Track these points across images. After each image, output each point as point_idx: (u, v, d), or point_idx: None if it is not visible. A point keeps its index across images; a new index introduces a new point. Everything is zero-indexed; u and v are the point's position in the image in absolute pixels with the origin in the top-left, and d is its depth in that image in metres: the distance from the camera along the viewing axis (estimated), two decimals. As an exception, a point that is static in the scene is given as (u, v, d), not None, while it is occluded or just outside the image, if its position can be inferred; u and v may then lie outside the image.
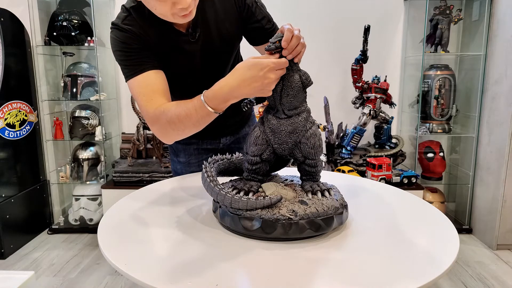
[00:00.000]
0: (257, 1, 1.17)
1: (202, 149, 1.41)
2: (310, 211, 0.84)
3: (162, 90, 1.04)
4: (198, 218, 0.99)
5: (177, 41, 1.11)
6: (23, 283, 1.30)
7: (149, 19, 1.05)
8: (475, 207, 2.61)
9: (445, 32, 2.56)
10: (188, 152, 1.42)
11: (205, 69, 1.18)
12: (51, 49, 2.69)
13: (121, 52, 1.06)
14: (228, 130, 1.38)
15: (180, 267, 0.74)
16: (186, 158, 1.42)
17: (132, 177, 2.49)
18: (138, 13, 1.06)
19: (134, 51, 1.05)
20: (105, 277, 2.12)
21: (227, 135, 1.39)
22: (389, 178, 2.36)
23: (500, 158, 2.35)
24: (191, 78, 1.19)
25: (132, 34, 1.05)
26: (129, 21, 1.06)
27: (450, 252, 0.79)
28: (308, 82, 0.89)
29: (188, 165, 1.42)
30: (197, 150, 1.41)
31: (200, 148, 1.41)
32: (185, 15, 0.97)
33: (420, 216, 1.02)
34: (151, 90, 1.02)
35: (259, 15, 1.17)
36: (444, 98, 2.61)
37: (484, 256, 2.33)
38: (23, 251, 2.44)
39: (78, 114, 2.67)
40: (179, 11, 0.95)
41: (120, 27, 1.06)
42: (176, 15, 0.97)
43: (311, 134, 0.90)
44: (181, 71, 1.16)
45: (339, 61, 2.74)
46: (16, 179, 2.52)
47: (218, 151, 1.38)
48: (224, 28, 1.15)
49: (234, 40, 1.20)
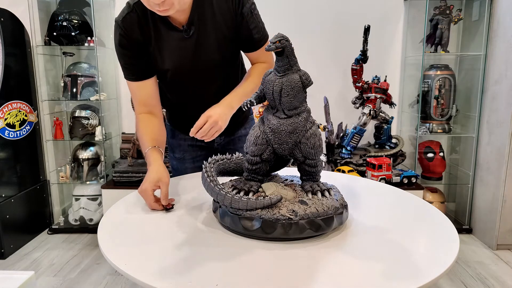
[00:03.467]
0: (253, 11, 1.19)
1: (197, 146, 1.45)
2: (310, 211, 0.84)
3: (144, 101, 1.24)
4: (198, 218, 0.99)
5: (172, 36, 1.16)
6: (23, 283, 1.30)
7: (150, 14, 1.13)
8: (475, 207, 2.61)
9: (445, 32, 2.56)
10: (183, 149, 1.46)
11: (196, 67, 1.23)
12: (51, 49, 2.69)
13: (119, 54, 1.20)
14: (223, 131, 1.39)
15: (180, 267, 0.74)
16: (181, 154, 1.47)
17: (132, 177, 2.49)
18: (141, 9, 1.13)
19: (127, 57, 1.18)
20: (105, 277, 2.12)
21: (222, 136, 1.40)
22: (389, 178, 2.36)
23: (500, 158, 2.35)
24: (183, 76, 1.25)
25: (127, 38, 1.15)
26: (128, 19, 1.14)
27: (450, 252, 0.79)
28: (308, 82, 0.89)
29: (183, 160, 1.47)
30: (191, 147, 1.45)
31: (194, 145, 1.45)
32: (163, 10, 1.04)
33: (420, 216, 1.02)
34: (136, 99, 1.25)
35: (252, 24, 1.19)
36: (444, 98, 2.61)
37: (484, 256, 2.33)
38: (23, 251, 2.44)
39: (78, 114, 2.67)
40: (153, 4, 1.03)
41: (119, 25, 1.15)
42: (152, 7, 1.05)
43: (311, 134, 0.90)
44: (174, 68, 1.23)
45: (339, 61, 2.74)
46: (16, 179, 2.52)
47: (213, 150, 1.42)
48: (220, 30, 1.18)
49: (228, 43, 1.22)
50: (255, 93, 0.94)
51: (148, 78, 1.22)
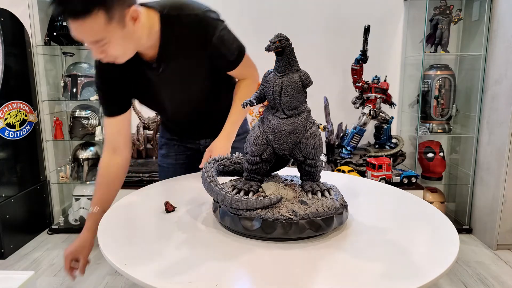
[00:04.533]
0: (223, 37, 1.15)
1: (183, 146, 1.48)
2: (310, 211, 0.84)
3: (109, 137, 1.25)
4: (198, 218, 0.99)
5: (145, 71, 1.16)
6: (23, 283, 1.30)
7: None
8: (475, 207, 2.61)
9: (445, 32, 2.56)
10: (169, 147, 1.50)
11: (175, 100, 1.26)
12: (51, 49, 2.69)
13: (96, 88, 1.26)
14: (207, 133, 1.43)
15: (180, 267, 0.74)
16: (166, 151, 1.50)
17: (132, 177, 2.49)
18: None
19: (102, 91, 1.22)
20: (105, 277, 2.12)
21: (207, 138, 1.43)
22: (389, 178, 2.36)
23: (500, 158, 2.35)
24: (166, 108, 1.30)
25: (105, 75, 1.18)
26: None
27: (450, 252, 0.79)
28: (308, 82, 0.89)
29: (167, 157, 1.49)
30: (177, 146, 1.49)
31: (180, 145, 1.48)
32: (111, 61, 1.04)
33: (420, 216, 1.02)
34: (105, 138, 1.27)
35: (224, 50, 1.17)
36: (444, 98, 2.61)
37: (484, 256, 2.33)
38: (23, 251, 2.43)
39: (78, 114, 2.67)
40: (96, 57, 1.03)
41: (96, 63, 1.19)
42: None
43: (311, 134, 0.90)
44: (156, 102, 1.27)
45: (339, 61, 2.74)
46: (16, 179, 2.52)
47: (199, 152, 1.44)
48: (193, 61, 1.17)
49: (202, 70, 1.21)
50: (255, 93, 0.94)
51: (117, 115, 1.22)
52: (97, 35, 0.94)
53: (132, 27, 0.99)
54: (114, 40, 0.97)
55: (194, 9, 1.11)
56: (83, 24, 0.91)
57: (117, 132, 1.23)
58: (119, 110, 1.22)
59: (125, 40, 1.00)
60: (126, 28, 0.98)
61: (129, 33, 0.99)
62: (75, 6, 0.89)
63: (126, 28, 0.98)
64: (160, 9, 1.09)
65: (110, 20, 0.93)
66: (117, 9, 0.94)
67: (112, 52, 1.00)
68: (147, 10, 1.07)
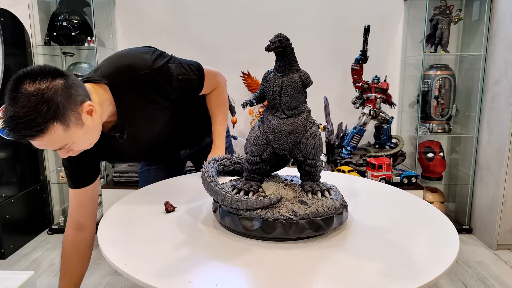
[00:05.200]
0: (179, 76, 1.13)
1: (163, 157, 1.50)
2: (310, 211, 0.84)
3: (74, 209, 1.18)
4: (198, 218, 0.99)
5: (110, 141, 1.12)
6: (23, 283, 1.30)
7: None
8: (475, 207, 2.61)
9: (445, 32, 2.55)
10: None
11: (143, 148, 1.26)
12: (51, 49, 2.69)
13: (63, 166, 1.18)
14: (186, 145, 1.45)
15: (180, 267, 0.74)
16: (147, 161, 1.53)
17: (132, 177, 2.49)
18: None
19: (70, 170, 1.15)
20: (105, 277, 2.12)
21: (186, 148, 1.45)
22: (389, 178, 2.36)
23: (500, 158, 2.35)
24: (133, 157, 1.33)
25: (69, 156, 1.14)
26: None
27: (450, 252, 0.79)
28: (308, 82, 0.89)
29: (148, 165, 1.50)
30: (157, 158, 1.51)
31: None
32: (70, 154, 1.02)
33: (420, 216, 1.02)
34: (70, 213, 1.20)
35: (187, 84, 1.17)
36: (444, 98, 2.61)
37: (484, 256, 2.33)
38: (23, 251, 2.43)
39: (78, 114, 2.67)
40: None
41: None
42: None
43: (311, 134, 0.90)
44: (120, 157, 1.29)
45: (339, 61, 2.74)
46: (16, 179, 2.51)
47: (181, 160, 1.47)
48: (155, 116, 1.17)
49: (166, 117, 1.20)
50: (255, 93, 0.94)
51: (84, 187, 1.17)
52: (59, 144, 0.92)
53: (90, 120, 0.96)
54: (77, 140, 0.95)
55: (141, 68, 1.07)
56: (43, 140, 0.88)
57: (82, 205, 1.18)
58: (87, 181, 1.16)
59: (87, 134, 0.97)
60: (85, 125, 0.94)
61: (90, 127, 0.96)
62: (30, 129, 0.85)
63: (85, 124, 0.94)
64: (107, 81, 1.05)
65: (68, 127, 0.90)
66: (71, 114, 0.90)
67: (78, 148, 0.98)
68: (95, 87, 1.03)
